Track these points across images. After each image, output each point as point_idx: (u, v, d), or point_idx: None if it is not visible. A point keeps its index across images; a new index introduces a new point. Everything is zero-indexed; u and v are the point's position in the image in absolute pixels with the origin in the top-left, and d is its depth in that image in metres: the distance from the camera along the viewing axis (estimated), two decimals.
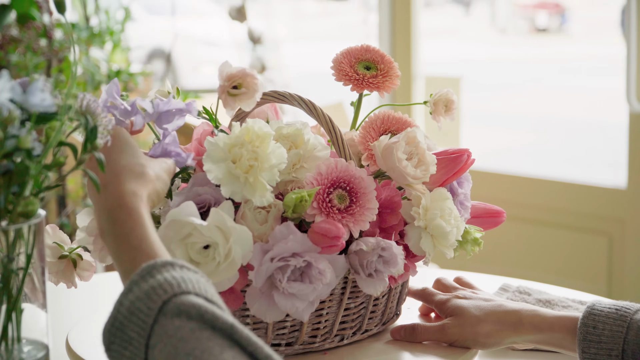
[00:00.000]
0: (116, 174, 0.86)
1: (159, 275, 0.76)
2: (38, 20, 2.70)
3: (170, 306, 0.73)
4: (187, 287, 0.75)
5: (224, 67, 1.06)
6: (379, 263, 1.02)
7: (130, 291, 0.75)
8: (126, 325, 0.74)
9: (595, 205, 2.84)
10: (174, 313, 0.73)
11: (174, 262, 0.78)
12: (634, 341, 1.00)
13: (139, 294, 0.75)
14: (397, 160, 1.04)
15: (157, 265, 0.77)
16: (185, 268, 0.78)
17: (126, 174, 0.86)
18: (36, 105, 0.77)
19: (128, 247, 0.82)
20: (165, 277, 0.75)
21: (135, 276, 0.76)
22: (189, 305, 0.73)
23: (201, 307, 0.73)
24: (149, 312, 0.74)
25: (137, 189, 0.86)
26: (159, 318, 0.73)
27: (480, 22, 9.51)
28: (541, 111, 6.74)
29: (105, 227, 0.84)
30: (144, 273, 0.76)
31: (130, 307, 0.74)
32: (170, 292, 0.74)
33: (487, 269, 2.02)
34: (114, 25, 3.17)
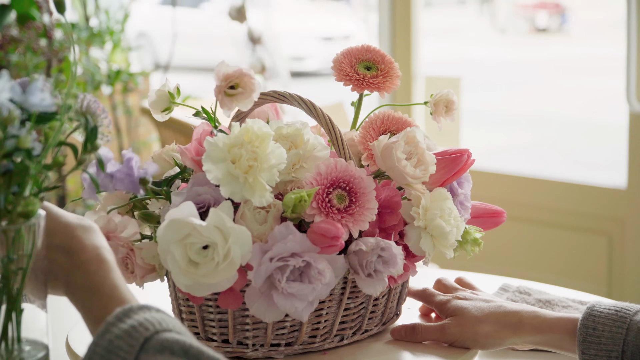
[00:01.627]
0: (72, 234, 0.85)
1: (137, 316, 0.75)
2: (38, 20, 2.70)
3: (153, 343, 0.73)
4: (168, 326, 0.75)
5: (221, 67, 1.06)
6: (378, 263, 1.02)
7: (107, 332, 0.74)
8: None
9: (595, 205, 2.84)
10: (156, 349, 0.72)
11: (149, 306, 0.78)
12: (633, 342, 1.00)
13: (117, 333, 0.74)
14: (397, 160, 1.04)
15: (134, 308, 0.77)
16: (162, 312, 0.78)
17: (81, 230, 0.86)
18: (36, 105, 0.77)
19: (100, 296, 0.81)
20: (144, 316, 0.75)
21: (111, 318, 0.76)
22: (172, 341, 0.73)
23: (185, 342, 0.73)
24: (129, 349, 0.72)
25: (99, 241, 0.86)
26: (141, 355, 0.72)
27: (480, 22, 9.51)
28: (541, 111, 6.73)
29: (77, 281, 0.83)
30: (121, 316, 0.76)
31: (108, 347, 0.73)
32: (152, 330, 0.74)
33: (487, 269, 2.02)
34: (114, 25, 3.17)
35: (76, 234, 0.85)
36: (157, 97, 1.12)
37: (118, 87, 3.19)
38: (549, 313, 1.08)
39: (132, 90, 3.24)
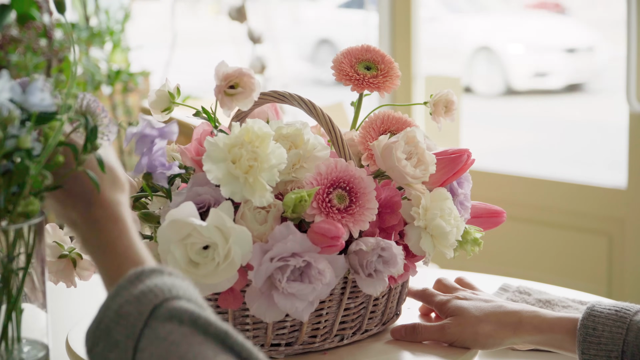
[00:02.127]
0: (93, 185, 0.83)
1: (148, 280, 0.75)
2: (38, 20, 2.70)
3: (162, 310, 0.72)
4: (178, 293, 0.74)
5: (220, 67, 1.06)
6: (378, 263, 1.02)
7: (118, 295, 0.74)
8: (113, 328, 0.72)
9: (595, 205, 2.84)
10: (165, 317, 0.72)
11: (162, 269, 0.77)
12: (633, 342, 1.00)
13: (128, 298, 0.73)
14: (397, 160, 1.04)
15: (146, 271, 0.76)
16: (174, 275, 0.77)
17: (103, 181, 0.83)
18: (36, 105, 0.77)
19: (114, 255, 0.80)
20: (155, 282, 0.74)
21: (122, 281, 0.75)
22: (181, 310, 0.73)
23: (193, 312, 0.73)
24: (138, 315, 0.72)
25: (119, 197, 0.84)
26: (150, 322, 0.72)
27: None
28: (541, 111, 6.74)
29: (89, 237, 0.82)
30: (132, 278, 0.75)
31: (118, 311, 0.73)
32: (161, 297, 0.73)
33: (487, 269, 2.02)
34: (114, 25, 3.17)
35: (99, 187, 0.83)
36: (157, 97, 1.12)
37: (118, 87, 3.19)
38: (549, 313, 1.08)
39: (132, 90, 3.24)
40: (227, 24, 3.53)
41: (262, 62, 3.40)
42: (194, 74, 4.47)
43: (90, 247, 0.82)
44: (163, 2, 8.23)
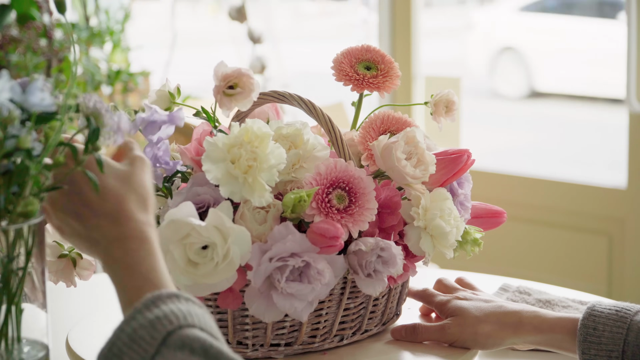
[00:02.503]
0: (121, 201, 0.82)
1: (164, 306, 0.74)
2: (38, 20, 2.70)
3: (174, 338, 0.72)
4: (193, 321, 0.74)
5: (220, 67, 1.06)
6: (378, 263, 1.02)
7: (133, 319, 0.74)
8: (125, 352, 0.72)
9: (595, 205, 2.84)
10: (177, 345, 0.72)
11: (179, 295, 0.76)
12: (634, 342, 1.00)
13: (142, 322, 0.73)
14: (396, 160, 1.04)
15: (163, 296, 0.75)
16: (191, 302, 0.77)
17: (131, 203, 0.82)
18: (36, 104, 0.77)
19: (137, 276, 0.79)
20: (171, 308, 0.74)
21: (139, 305, 0.75)
22: (193, 338, 0.72)
23: (205, 341, 0.72)
24: (151, 341, 0.72)
25: (147, 218, 0.83)
26: (161, 349, 0.72)
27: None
28: (541, 111, 6.74)
29: (113, 255, 0.81)
30: (149, 303, 0.75)
31: (132, 335, 0.73)
32: (175, 324, 0.73)
33: (487, 269, 2.02)
34: (114, 25, 3.17)
35: (126, 205, 0.82)
36: (158, 97, 1.12)
37: (118, 87, 3.19)
38: (549, 313, 1.08)
39: (132, 90, 3.23)
40: (227, 24, 3.53)
41: (262, 62, 3.40)
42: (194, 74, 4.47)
43: (113, 266, 0.81)
44: (163, 2, 8.20)
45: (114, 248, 0.81)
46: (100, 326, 1.17)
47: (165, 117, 0.96)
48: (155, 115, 0.95)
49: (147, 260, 0.80)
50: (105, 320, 1.19)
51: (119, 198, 0.82)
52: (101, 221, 0.81)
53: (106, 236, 0.81)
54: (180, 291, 0.77)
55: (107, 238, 0.81)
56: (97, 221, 0.82)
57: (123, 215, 0.81)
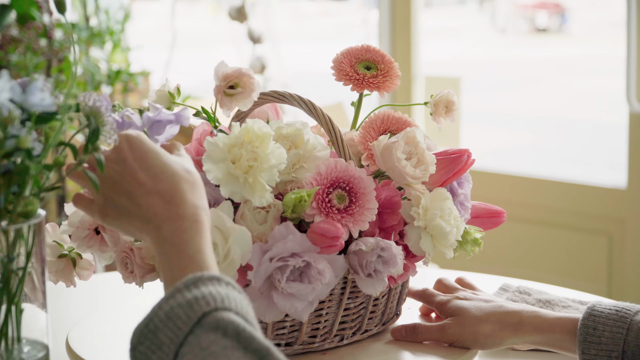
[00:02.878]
0: (177, 185, 0.84)
1: (204, 287, 0.75)
2: (38, 20, 2.70)
3: (209, 319, 0.73)
4: (230, 305, 0.75)
5: (220, 67, 1.06)
6: (378, 263, 1.02)
7: (172, 297, 0.75)
8: (160, 329, 0.73)
9: (595, 205, 2.84)
10: (211, 326, 0.72)
11: (220, 278, 0.77)
12: (634, 342, 1.00)
13: (180, 301, 0.74)
14: (396, 160, 1.04)
15: (204, 277, 0.76)
16: (231, 286, 0.77)
17: (185, 185, 0.84)
18: (36, 105, 0.77)
19: (183, 255, 0.80)
20: (210, 290, 0.75)
21: (179, 284, 0.76)
22: (227, 321, 0.73)
23: (239, 325, 0.73)
24: (187, 320, 0.73)
25: (202, 202, 0.85)
26: (195, 329, 0.72)
27: (480, 22, 9.51)
28: (541, 111, 6.74)
29: (165, 234, 0.82)
30: (189, 283, 0.76)
31: (169, 312, 0.74)
32: (212, 306, 0.74)
33: (487, 269, 2.02)
34: (114, 25, 3.17)
35: (181, 186, 0.84)
36: (157, 97, 1.12)
37: (118, 87, 3.19)
38: (550, 313, 1.08)
39: (132, 90, 3.23)
40: (227, 24, 3.54)
41: (262, 62, 3.40)
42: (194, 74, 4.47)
43: (162, 245, 0.82)
44: (163, 2, 8.19)
45: (165, 227, 0.82)
46: (100, 326, 1.17)
47: (171, 116, 0.96)
48: (161, 115, 0.96)
49: (195, 240, 0.81)
50: (105, 320, 1.19)
51: (174, 179, 0.84)
52: (155, 200, 0.83)
53: (158, 215, 0.83)
54: (222, 275, 0.78)
55: (159, 217, 0.83)
56: (151, 199, 0.83)
57: (177, 196, 0.83)
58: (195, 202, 0.84)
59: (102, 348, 1.10)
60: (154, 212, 0.83)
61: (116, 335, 1.14)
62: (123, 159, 0.84)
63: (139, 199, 0.83)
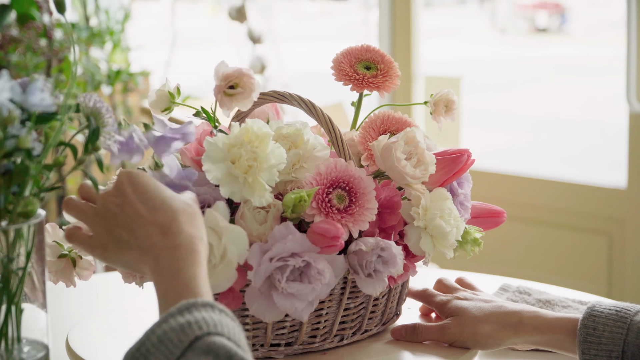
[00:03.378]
0: (174, 216, 0.85)
1: (197, 313, 0.76)
2: (38, 20, 2.70)
3: (201, 343, 0.74)
4: (222, 330, 0.75)
5: (220, 67, 1.06)
6: (378, 263, 1.02)
7: (165, 322, 0.76)
8: (152, 353, 0.74)
9: (595, 205, 2.84)
10: (202, 350, 0.73)
11: (214, 305, 0.78)
12: (634, 343, 1.00)
13: (173, 325, 0.75)
14: (396, 160, 1.04)
15: (197, 303, 0.77)
16: (224, 313, 0.78)
17: (183, 217, 0.86)
18: (36, 105, 0.77)
19: (178, 282, 0.82)
20: (203, 315, 0.76)
21: (173, 309, 0.77)
22: (219, 345, 0.73)
23: (230, 349, 0.73)
24: (179, 344, 0.74)
25: (199, 232, 0.86)
26: (187, 353, 0.73)
27: (480, 22, 9.52)
28: (541, 111, 6.74)
29: (163, 263, 0.83)
30: (183, 308, 0.77)
31: (161, 336, 0.74)
32: (204, 330, 0.74)
33: (487, 269, 2.02)
34: (114, 25, 3.17)
35: (178, 217, 0.85)
36: (157, 97, 1.12)
37: (118, 87, 3.19)
38: (550, 313, 1.08)
39: (132, 90, 3.24)
40: (227, 24, 3.54)
41: (262, 62, 3.40)
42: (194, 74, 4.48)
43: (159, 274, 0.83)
44: (163, 2, 8.17)
45: (163, 256, 0.83)
46: (100, 326, 1.17)
47: (177, 135, 0.96)
48: (168, 133, 0.95)
49: (191, 269, 0.83)
50: (105, 320, 1.19)
51: (172, 211, 0.86)
52: (153, 230, 0.85)
53: (156, 245, 0.84)
54: (216, 302, 0.79)
55: (157, 247, 0.84)
56: (149, 230, 0.85)
57: (174, 226, 0.85)
58: (192, 232, 0.85)
59: (102, 348, 1.10)
60: (151, 243, 0.84)
61: (116, 335, 1.14)
62: (123, 192, 0.86)
63: (138, 230, 0.85)
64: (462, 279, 1.25)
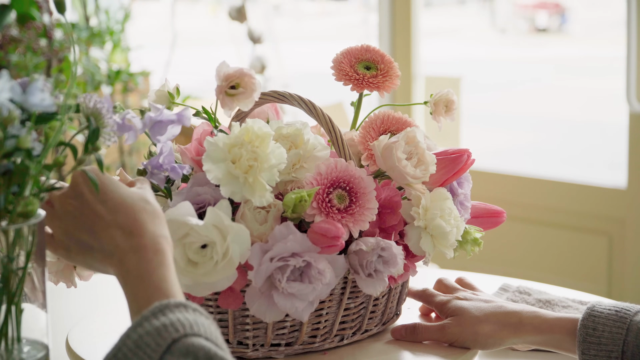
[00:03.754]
0: (135, 216, 0.84)
1: (171, 314, 0.75)
2: (38, 20, 2.70)
3: (179, 345, 0.73)
4: (199, 330, 0.75)
5: (222, 67, 1.06)
6: (378, 263, 1.02)
7: (140, 325, 0.75)
8: (129, 358, 0.73)
9: (595, 205, 2.84)
10: (181, 353, 0.72)
11: (187, 305, 0.77)
12: (633, 343, 1.00)
13: (149, 329, 0.74)
14: (397, 160, 1.04)
15: (170, 305, 0.76)
16: (198, 312, 0.77)
17: (145, 215, 0.84)
18: (36, 105, 0.77)
19: (148, 285, 0.80)
20: (177, 317, 0.75)
21: (146, 312, 0.76)
22: (198, 347, 0.73)
23: (210, 350, 0.73)
24: (156, 348, 0.73)
25: (163, 231, 0.85)
26: (165, 356, 0.72)
27: (480, 22, 9.52)
28: (541, 111, 6.74)
29: (128, 266, 0.82)
30: (156, 311, 0.76)
31: (137, 341, 0.73)
32: (181, 332, 0.73)
33: (487, 269, 2.02)
34: (114, 25, 3.17)
35: (140, 216, 0.84)
36: (157, 97, 1.12)
37: (118, 87, 3.19)
38: (549, 313, 1.08)
39: (132, 90, 3.24)
40: (227, 24, 3.54)
41: (262, 62, 3.40)
42: (194, 74, 4.48)
43: (126, 277, 0.82)
44: (163, 2, 8.17)
45: (128, 258, 0.82)
46: (100, 326, 1.17)
47: (173, 116, 0.96)
48: (162, 115, 0.96)
49: (159, 270, 0.81)
50: (105, 320, 1.19)
51: (133, 211, 0.84)
52: (115, 232, 0.83)
53: (120, 247, 0.83)
54: (188, 301, 0.78)
55: (121, 249, 0.83)
56: (111, 232, 0.83)
57: (137, 227, 0.83)
58: (155, 231, 0.84)
59: (102, 348, 1.10)
60: (115, 245, 0.83)
61: (116, 335, 1.13)
62: (80, 193, 0.84)
63: (99, 232, 0.83)
64: (462, 279, 1.25)
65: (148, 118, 0.95)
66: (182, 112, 0.96)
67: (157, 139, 0.96)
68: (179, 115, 0.96)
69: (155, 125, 0.95)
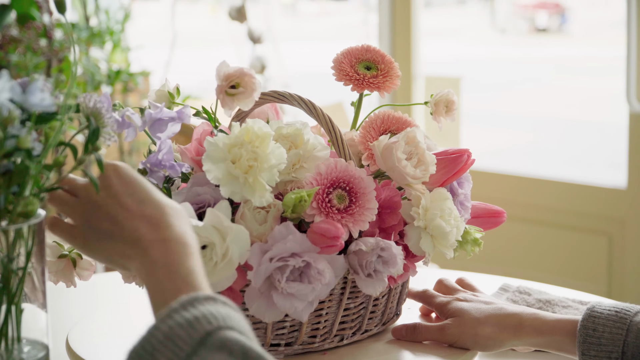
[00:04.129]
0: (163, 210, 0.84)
1: (202, 307, 0.74)
2: (38, 20, 2.70)
3: (214, 339, 0.71)
4: (232, 324, 0.73)
5: (222, 67, 1.06)
6: (378, 263, 1.02)
7: (170, 317, 0.73)
8: (159, 350, 0.71)
9: (595, 205, 2.84)
10: (216, 346, 0.71)
11: (216, 298, 0.76)
12: (633, 343, 1.00)
13: (180, 321, 0.72)
14: (397, 160, 1.04)
15: (200, 297, 0.75)
16: (228, 305, 0.76)
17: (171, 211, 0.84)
18: (36, 105, 0.77)
19: (175, 277, 0.79)
20: (209, 309, 0.73)
21: (175, 304, 0.74)
22: (233, 340, 0.71)
23: (245, 345, 0.71)
24: (189, 340, 0.71)
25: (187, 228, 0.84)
26: (199, 349, 0.71)
27: (480, 22, 9.52)
28: (541, 111, 6.75)
29: (154, 256, 0.80)
30: (186, 303, 0.74)
31: (168, 333, 0.71)
32: (214, 325, 0.72)
33: (487, 269, 2.02)
34: (114, 25, 3.17)
35: (167, 211, 0.84)
36: (157, 97, 1.12)
37: (118, 87, 3.19)
38: (549, 315, 1.08)
39: (132, 91, 3.23)
40: (227, 24, 3.54)
41: (262, 62, 3.40)
42: (194, 74, 4.48)
43: (151, 267, 0.80)
44: (163, 2, 8.17)
45: (154, 248, 0.81)
46: (100, 326, 1.17)
47: (173, 114, 0.96)
48: (162, 113, 0.96)
49: (187, 262, 0.80)
50: (105, 320, 1.19)
51: (159, 205, 0.84)
52: (140, 223, 0.82)
53: (145, 237, 0.82)
54: (218, 295, 0.77)
55: (145, 239, 0.82)
56: (136, 223, 0.82)
57: (163, 220, 0.83)
58: (181, 226, 0.83)
59: (102, 348, 1.10)
60: (139, 235, 0.82)
61: (116, 335, 1.14)
62: (108, 184, 0.84)
63: (124, 222, 0.82)
64: (462, 280, 1.25)
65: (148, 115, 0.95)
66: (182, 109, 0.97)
67: (157, 137, 0.96)
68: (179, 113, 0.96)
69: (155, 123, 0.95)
